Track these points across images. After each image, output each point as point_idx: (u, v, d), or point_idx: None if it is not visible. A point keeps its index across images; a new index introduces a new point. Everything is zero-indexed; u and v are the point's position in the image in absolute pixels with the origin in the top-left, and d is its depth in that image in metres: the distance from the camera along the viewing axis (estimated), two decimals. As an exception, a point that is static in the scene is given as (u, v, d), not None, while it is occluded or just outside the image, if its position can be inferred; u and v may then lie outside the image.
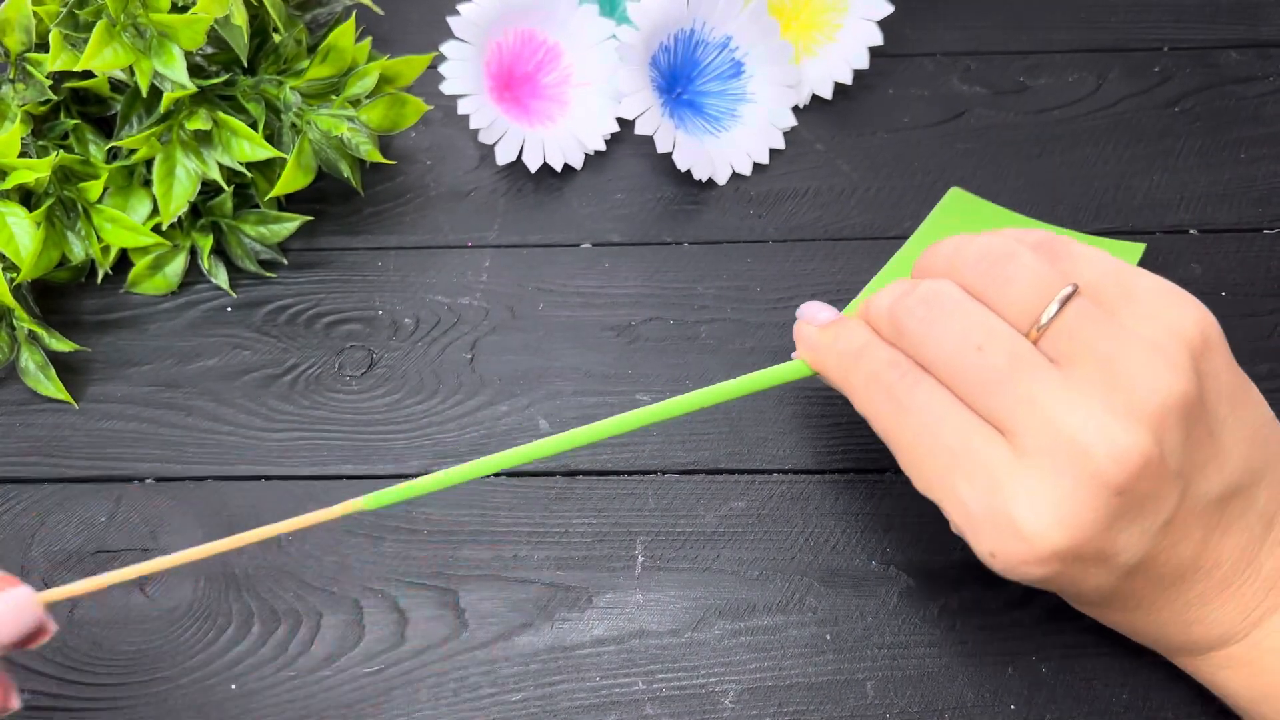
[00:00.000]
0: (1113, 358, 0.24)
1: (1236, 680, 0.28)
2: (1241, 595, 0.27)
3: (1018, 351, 0.25)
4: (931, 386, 0.26)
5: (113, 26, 0.36)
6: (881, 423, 0.27)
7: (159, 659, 0.33)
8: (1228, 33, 0.48)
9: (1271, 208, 0.42)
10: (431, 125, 0.45)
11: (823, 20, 0.45)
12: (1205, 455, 0.25)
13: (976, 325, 0.25)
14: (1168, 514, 0.25)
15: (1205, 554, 0.26)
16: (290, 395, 0.38)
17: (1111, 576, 0.26)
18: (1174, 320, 0.25)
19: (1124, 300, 0.26)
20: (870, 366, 0.27)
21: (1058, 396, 0.24)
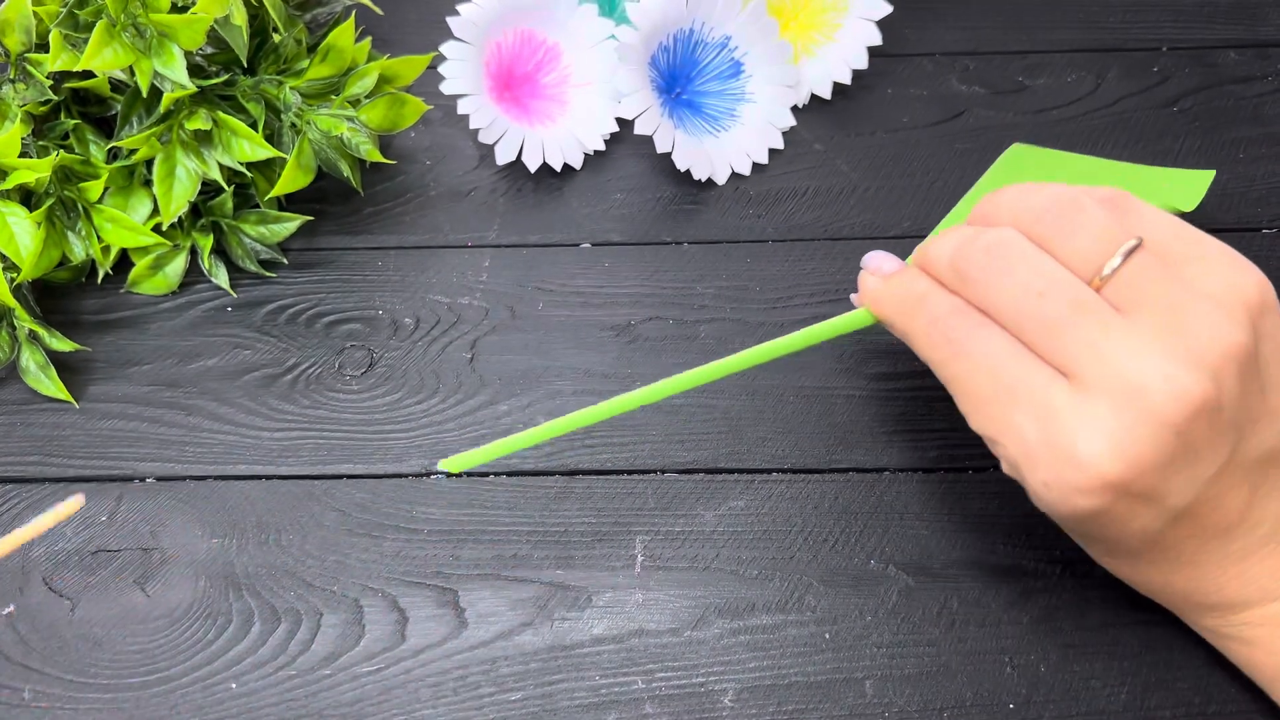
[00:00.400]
0: (1175, 308, 0.25)
1: (1266, 643, 0.28)
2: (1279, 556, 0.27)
3: (1081, 298, 0.26)
4: (994, 331, 0.27)
5: (113, 26, 0.36)
6: (944, 368, 0.28)
7: (159, 658, 0.33)
8: (1226, 33, 0.48)
9: (1270, 207, 0.42)
10: (431, 125, 0.46)
11: (822, 20, 0.45)
12: (1258, 411, 0.26)
13: (1040, 272, 0.26)
14: (1220, 462, 0.26)
15: (1251, 509, 0.27)
16: (291, 395, 0.38)
17: (1158, 520, 0.26)
18: (1235, 279, 0.26)
19: (1187, 258, 0.26)
20: (933, 312, 0.28)
21: (1120, 339, 0.25)
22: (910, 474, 0.36)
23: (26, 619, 0.34)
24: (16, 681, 0.33)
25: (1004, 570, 0.34)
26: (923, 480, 0.36)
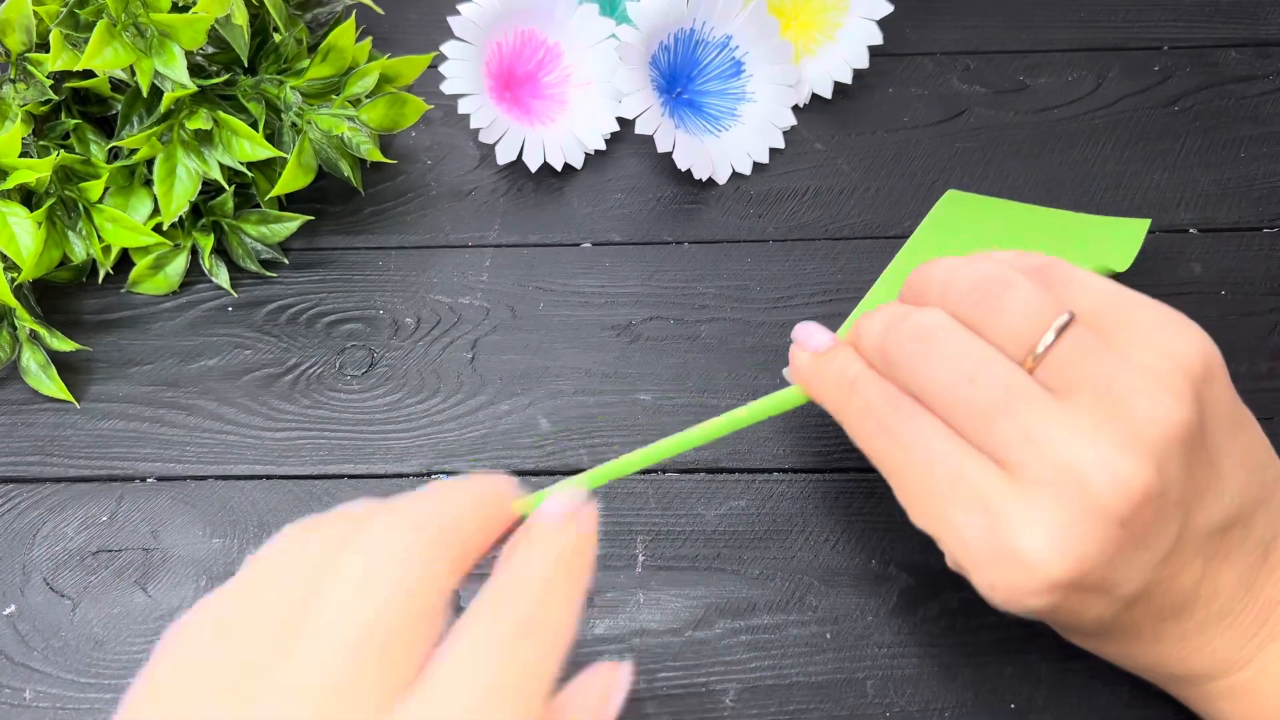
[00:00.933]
0: (1112, 386, 0.24)
1: (1236, 711, 0.27)
2: (1240, 624, 0.26)
3: (1013, 382, 0.24)
4: (925, 420, 0.26)
5: (113, 26, 0.36)
6: (877, 457, 0.27)
7: (161, 658, 0.33)
8: (1227, 32, 0.48)
9: (1271, 207, 0.42)
10: (432, 125, 0.46)
11: (823, 20, 0.45)
12: (1205, 484, 0.25)
13: (969, 356, 0.25)
14: (1169, 544, 0.25)
15: (1204, 584, 0.26)
16: (291, 395, 0.38)
17: (1111, 608, 0.25)
18: (1175, 348, 0.24)
19: (1123, 327, 0.25)
20: (864, 399, 0.27)
21: (1056, 426, 0.24)
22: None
23: (28, 619, 0.34)
24: (18, 681, 0.33)
25: (1005, 570, 0.34)
26: (924, 480, 0.36)
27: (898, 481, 0.26)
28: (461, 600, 0.34)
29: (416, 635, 0.21)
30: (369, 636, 0.20)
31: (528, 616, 0.22)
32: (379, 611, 0.21)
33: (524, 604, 0.22)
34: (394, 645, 0.20)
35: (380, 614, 0.21)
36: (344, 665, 0.20)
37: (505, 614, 0.22)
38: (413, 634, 0.21)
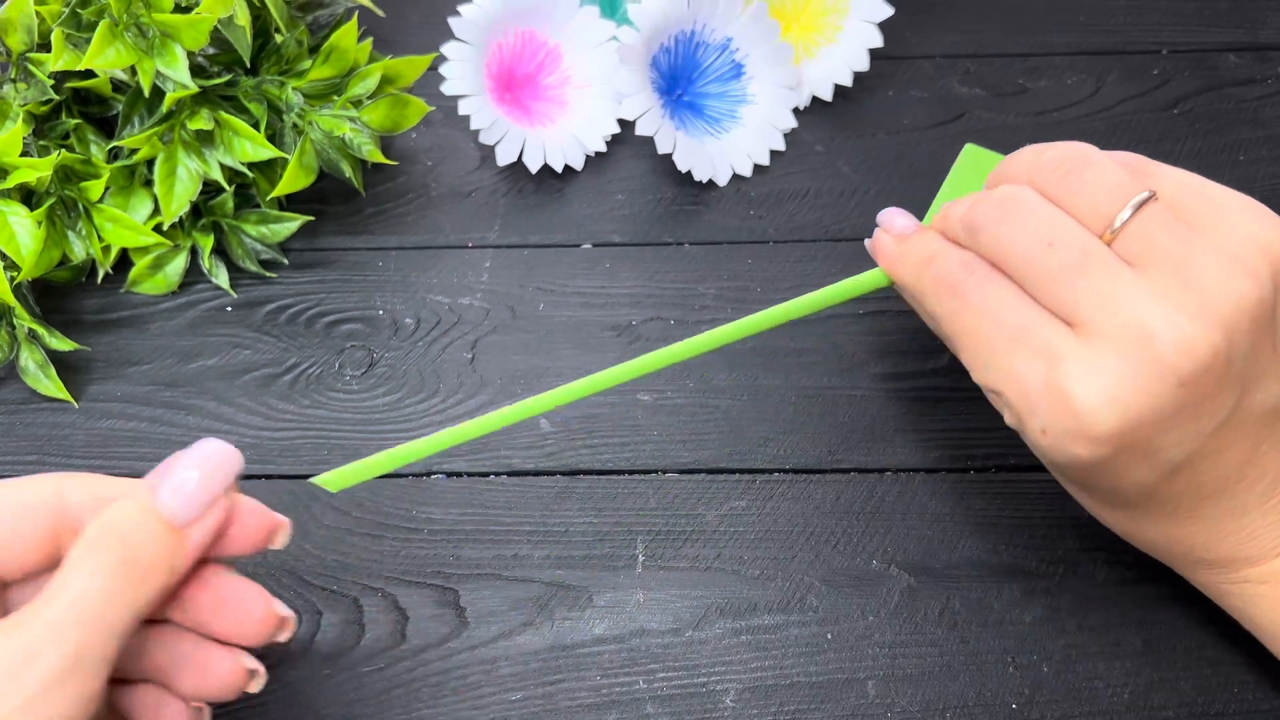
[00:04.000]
0: (1188, 261, 0.25)
1: (1265, 601, 0.28)
2: (1278, 512, 0.27)
3: (1089, 248, 0.25)
4: (1001, 281, 0.27)
5: (115, 26, 0.36)
6: (950, 321, 0.28)
7: (158, 658, 0.33)
8: (1226, 35, 0.48)
9: (1271, 209, 0.42)
10: (433, 126, 0.46)
11: (823, 22, 0.46)
12: (1266, 366, 0.25)
13: (1049, 224, 0.26)
14: (1223, 417, 0.25)
15: (1251, 465, 0.26)
16: (291, 395, 0.38)
17: (1154, 473, 0.26)
18: (1255, 230, 0.25)
19: (1204, 211, 0.26)
20: (942, 267, 0.28)
21: (1129, 290, 0.25)
22: (912, 474, 0.36)
23: (25, 618, 0.34)
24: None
25: (1006, 570, 0.34)
26: (925, 480, 0.36)
27: (964, 340, 0.27)
28: (462, 600, 0.34)
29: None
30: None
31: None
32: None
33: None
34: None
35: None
36: None
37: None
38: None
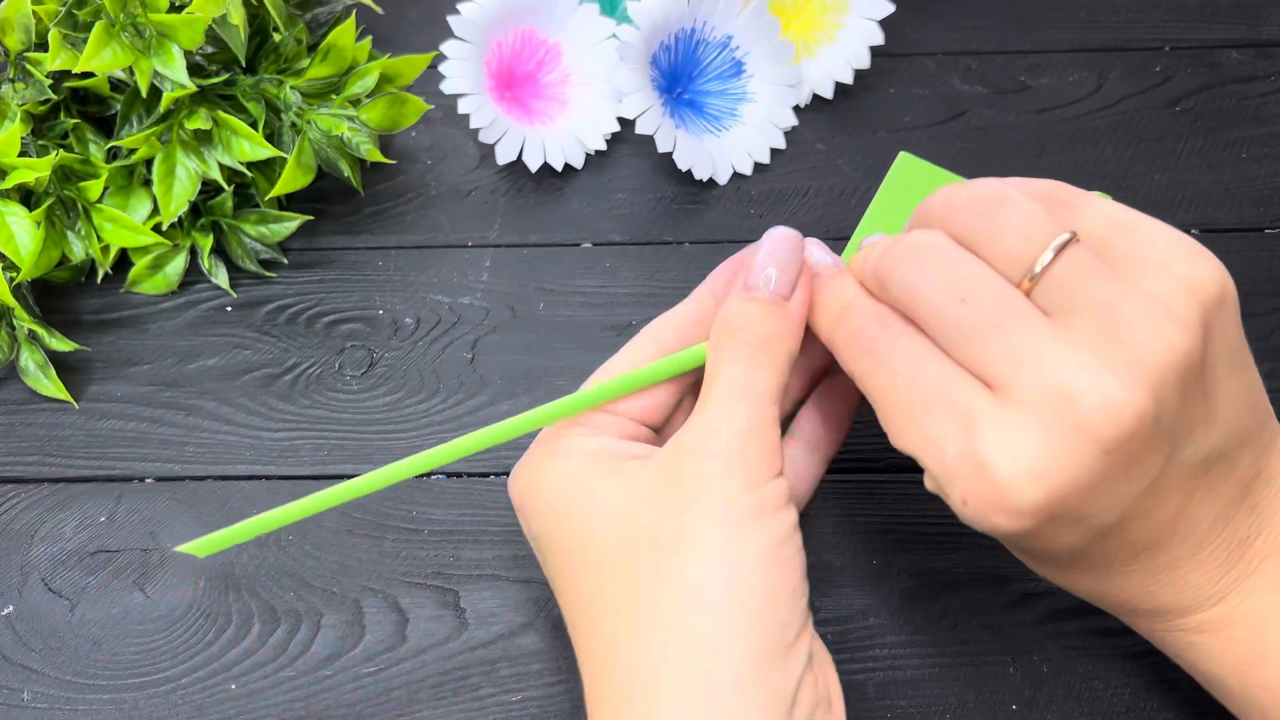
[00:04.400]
0: (1112, 310, 0.23)
1: (1207, 650, 0.27)
2: (1213, 560, 0.26)
3: (1006, 301, 0.23)
4: (914, 338, 0.25)
5: (112, 26, 0.36)
6: (864, 380, 0.26)
7: (159, 659, 0.33)
8: (1229, 32, 0.48)
9: (1273, 207, 0.42)
10: (432, 124, 0.45)
11: (823, 20, 0.45)
12: (1197, 417, 0.24)
13: (962, 275, 0.24)
14: (1151, 477, 0.24)
15: (1182, 518, 0.25)
16: (290, 395, 0.38)
17: (1085, 537, 0.25)
18: (1185, 272, 0.23)
19: (1131, 251, 0.24)
20: (855, 322, 0.26)
21: (1048, 347, 0.23)
22: (912, 474, 0.36)
23: (26, 619, 0.34)
24: (15, 682, 0.33)
25: (1006, 571, 0.34)
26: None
27: (881, 402, 0.26)
28: (462, 600, 0.34)
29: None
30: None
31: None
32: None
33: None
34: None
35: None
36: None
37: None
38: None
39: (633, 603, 0.25)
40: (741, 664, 0.24)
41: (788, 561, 0.25)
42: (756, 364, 0.26)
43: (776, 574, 0.25)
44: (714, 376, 0.26)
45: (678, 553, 0.25)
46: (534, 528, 0.28)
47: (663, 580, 0.25)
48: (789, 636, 0.25)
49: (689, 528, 0.25)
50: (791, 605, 0.25)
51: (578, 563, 0.27)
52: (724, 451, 0.25)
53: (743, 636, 0.24)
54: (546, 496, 0.27)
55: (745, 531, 0.24)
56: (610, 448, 0.28)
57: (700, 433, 0.26)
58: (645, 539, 0.25)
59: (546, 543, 0.28)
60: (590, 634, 0.26)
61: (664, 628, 0.24)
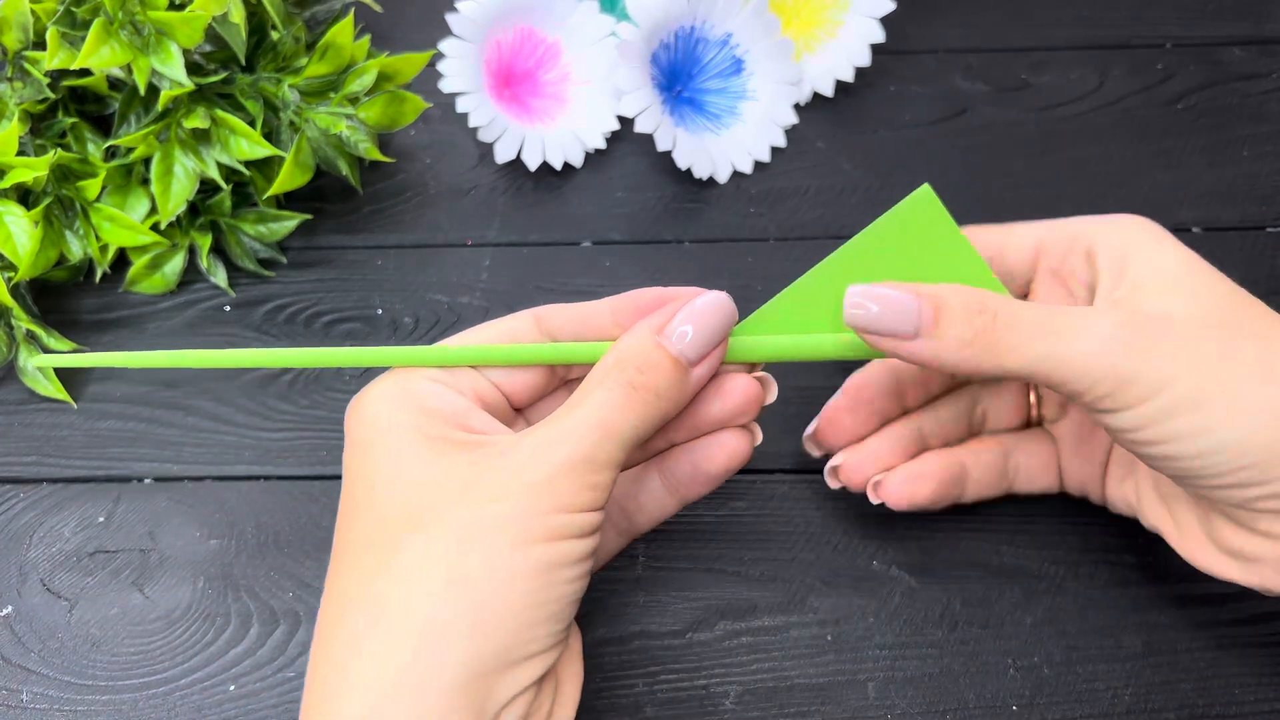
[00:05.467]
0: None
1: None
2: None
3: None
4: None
5: (110, 24, 0.36)
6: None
7: (158, 659, 0.33)
8: (1231, 29, 0.47)
9: (1275, 206, 0.42)
10: (431, 123, 0.45)
11: (824, 17, 0.45)
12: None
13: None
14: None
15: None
16: (289, 395, 0.38)
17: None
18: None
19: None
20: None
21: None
22: (913, 474, 0.36)
23: (24, 620, 0.34)
24: (14, 683, 0.33)
25: (1007, 571, 0.34)
26: (925, 481, 0.36)
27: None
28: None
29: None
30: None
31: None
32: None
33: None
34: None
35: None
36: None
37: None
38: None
39: (381, 571, 0.24)
40: (454, 665, 0.23)
41: (555, 586, 0.25)
42: (630, 408, 0.26)
43: (536, 594, 0.24)
44: (585, 396, 0.26)
45: (450, 538, 0.24)
46: (345, 455, 0.27)
47: (419, 561, 0.24)
48: (521, 655, 0.24)
49: (473, 522, 0.24)
50: (539, 627, 0.24)
51: (355, 511, 0.26)
52: (551, 468, 0.25)
53: (468, 643, 0.24)
54: (364, 434, 0.27)
55: (528, 548, 0.24)
56: (455, 410, 0.27)
57: (539, 446, 0.25)
58: (425, 517, 0.25)
59: (345, 476, 0.27)
60: (331, 588, 0.26)
61: (394, 607, 0.24)
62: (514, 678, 0.24)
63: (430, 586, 0.24)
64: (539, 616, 0.24)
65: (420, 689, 0.23)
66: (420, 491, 0.25)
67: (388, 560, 0.24)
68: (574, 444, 0.25)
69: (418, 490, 0.25)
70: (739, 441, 0.29)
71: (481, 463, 0.25)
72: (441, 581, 0.24)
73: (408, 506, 0.25)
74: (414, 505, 0.25)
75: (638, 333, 0.27)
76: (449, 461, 0.25)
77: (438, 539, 0.24)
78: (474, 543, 0.24)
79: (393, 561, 0.24)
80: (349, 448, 0.27)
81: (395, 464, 0.26)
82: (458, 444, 0.26)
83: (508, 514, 0.24)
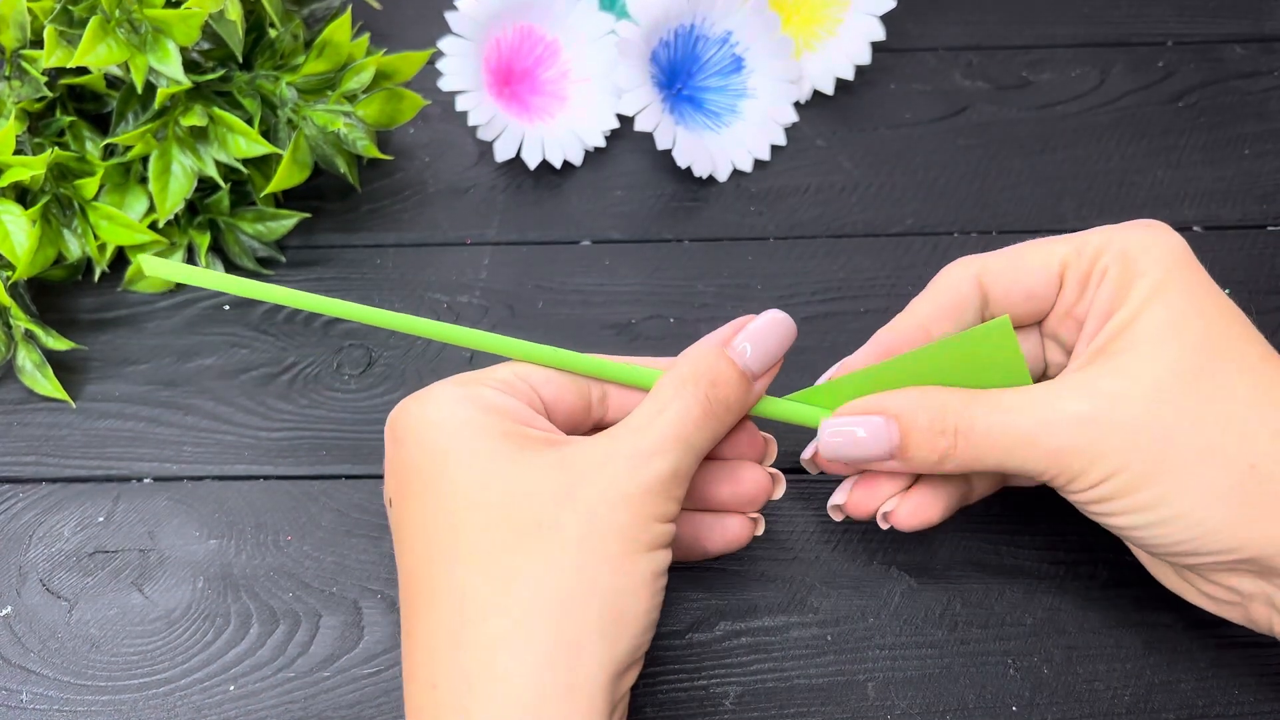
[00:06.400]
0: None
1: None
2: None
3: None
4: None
5: (107, 22, 0.36)
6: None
7: (157, 660, 0.33)
8: (1232, 27, 0.47)
9: (1276, 204, 0.42)
10: (430, 121, 0.45)
11: (824, 15, 0.45)
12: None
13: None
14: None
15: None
16: (289, 394, 0.38)
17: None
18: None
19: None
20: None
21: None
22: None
23: (24, 620, 0.34)
24: (14, 683, 0.33)
25: (1007, 572, 0.34)
26: (925, 480, 0.36)
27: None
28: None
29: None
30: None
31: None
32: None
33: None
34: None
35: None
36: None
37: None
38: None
39: (511, 577, 0.25)
40: (593, 671, 0.24)
41: (659, 593, 0.26)
42: (706, 420, 0.27)
43: (648, 600, 0.25)
44: (662, 409, 0.27)
45: (570, 545, 0.25)
46: (406, 459, 0.27)
47: (548, 567, 0.25)
48: (635, 659, 0.26)
49: (590, 530, 0.25)
50: (648, 632, 0.26)
51: (442, 517, 0.26)
52: (651, 479, 0.26)
53: (603, 648, 0.25)
54: (435, 439, 0.26)
55: (640, 556, 0.25)
56: (523, 415, 0.27)
57: (638, 454, 0.26)
58: (535, 522, 0.25)
59: (413, 483, 0.26)
60: (440, 594, 0.25)
61: (534, 613, 0.24)
62: (627, 680, 0.26)
63: (566, 594, 0.24)
64: (653, 619, 0.26)
65: (569, 694, 0.24)
66: (525, 494, 0.25)
67: (517, 565, 0.25)
68: (665, 457, 0.26)
69: (523, 492, 0.25)
70: (743, 530, 0.30)
71: (576, 467, 0.26)
72: (576, 589, 0.24)
73: (517, 509, 0.25)
74: (524, 509, 0.25)
75: (706, 347, 0.28)
76: (540, 461, 0.26)
77: (563, 546, 0.25)
78: (596, 550, 0.25)
79: (523, 567, 0.25)
80: (412, 452, 0.27)
81: (484, 466, 0.26)
82: (540, 441, 0.26)
83: (623, 524, 0.25)
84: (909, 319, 0.30)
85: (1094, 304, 0.29)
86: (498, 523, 0.25)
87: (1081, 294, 0.29)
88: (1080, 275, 0.29)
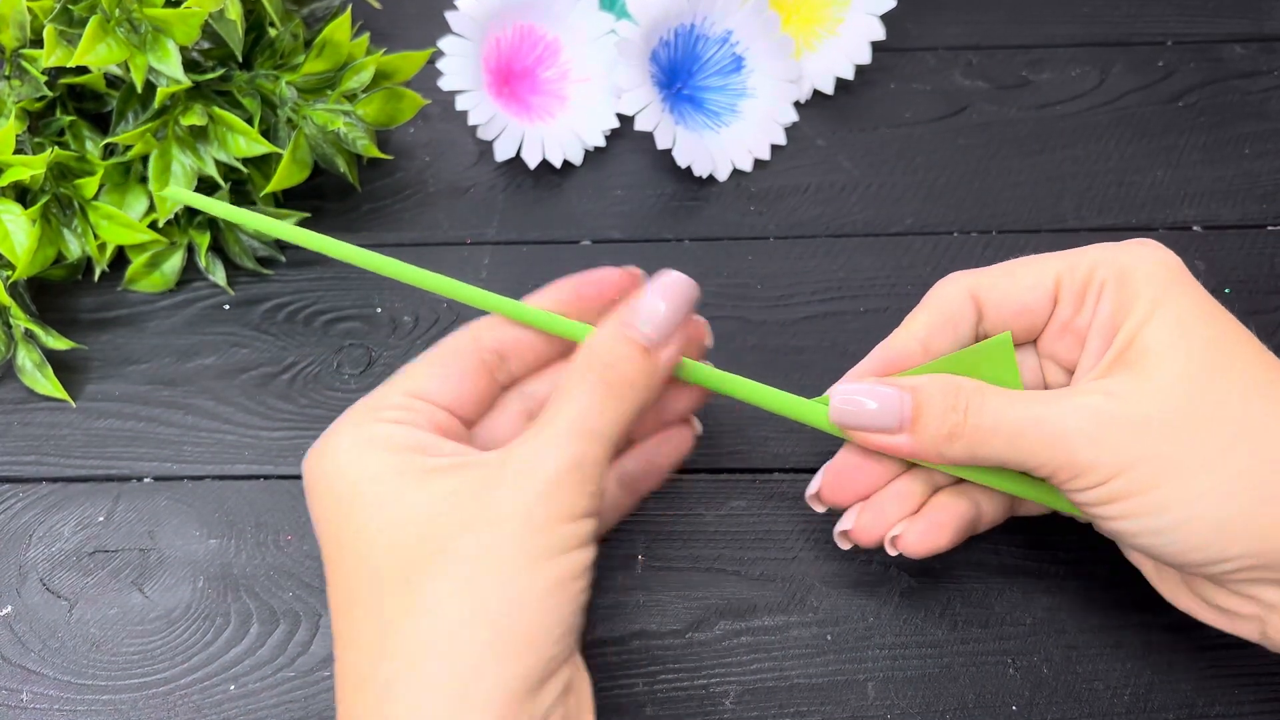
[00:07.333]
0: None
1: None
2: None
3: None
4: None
5: (107, 22, 0.36)
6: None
7: (157, 659, 0.33)
8: (1232, 27, 0.47)
9: (1276, 204, 0.42)
10: (430, 121, 0.45)
11: (824, 15, 0.45)
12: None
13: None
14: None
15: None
16: (289, 394, 0.38)
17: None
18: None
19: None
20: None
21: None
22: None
23: (24, 620, 0.34)
24: (14, 683, 0.33)
25: (1006, 571, 0.34)
26: (925, 480, 0.36)
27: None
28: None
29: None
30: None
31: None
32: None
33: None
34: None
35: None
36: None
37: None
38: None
39: (403, 615, 0.24)
40: (491, 696, 0.23)
41: (571, 599, 0.25)
42: (608, 404, 0.26)
43: (554, 611, 0.24)
44: (561, 403, 0.26)
45: (462, 568, 0.24)
46: (318, 512, 0.27)
47: (437, 598, 0.24)
48: (549, 671, 0.24)
49: (484, 549, 0.24)
50: (560, 641, 0.25)
51: (353, 562, 0.25)
52: (545, 481, 0.25)
53: (499, 671, 0.24)
54: (338, 487, 0.26)
55: (539, 566, 0.24)
56: (420, 443, 0.26)
57: (528, 459, 0.25)
58: (430, 552, 0.24)
59: (328, 532, 0.26)
60: (351, 640, 0.25)
61: (423, 650, 0.24)
62: (547, 693, 0.24)
63: (454, 624, 0.24)
64: (560, 631, 0.24)
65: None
66: (419, 528, 0.25)
67: (407, 602, 0.24)
68: (560, 452, 0.25)
69: (416, 527, 0.25)
70: (685, 437, 0.32)
71: (472, 487, 0.25)
72: (464, 616, 0.24)
73: (412, 546, 0.25)
74: (417, 543, 0.24)
75: (602, 329, 0.28)
76: (438, 489, 0.25)
77: (451, 573, 0.24)
78: (486, 571, 0.24)
79: (413, 603, 0.24)
80: (322, 502, 0.26)
81: (385, 507, 0.25)
82: (439, 471, 0.25)
83: (512, 536, 0.24)
84: (906, 334, 0.30)
85: (1095, 318, 0.29)
86: (404, 561, 0.24)
87: (1078, 308, 0.29)
88: (1076, 289, 0.29)
